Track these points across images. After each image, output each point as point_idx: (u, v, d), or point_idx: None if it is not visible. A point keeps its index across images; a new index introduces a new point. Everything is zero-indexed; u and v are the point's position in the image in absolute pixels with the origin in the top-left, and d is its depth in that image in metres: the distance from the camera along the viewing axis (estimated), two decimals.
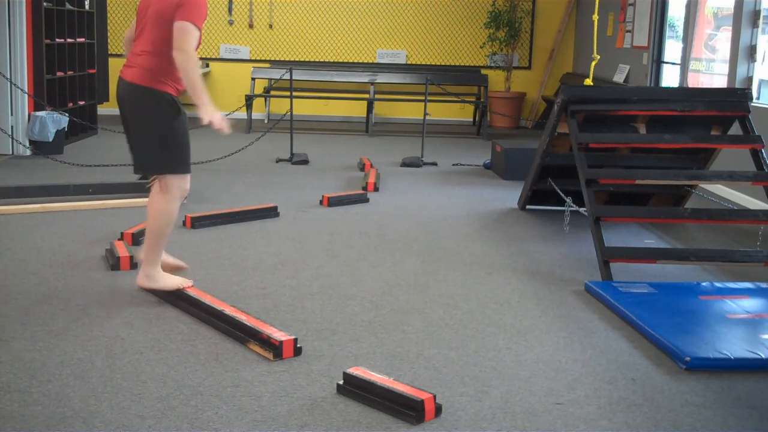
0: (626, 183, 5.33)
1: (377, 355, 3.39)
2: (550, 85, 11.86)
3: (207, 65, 11.59)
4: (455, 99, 10.53)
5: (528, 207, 6.29)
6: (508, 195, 6.78)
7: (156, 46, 3.83)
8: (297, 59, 11.76)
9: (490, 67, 11.79)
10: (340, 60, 11.85)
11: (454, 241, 5.30)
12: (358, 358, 3.35)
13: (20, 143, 7.94)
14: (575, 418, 2.89)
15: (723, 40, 7.89)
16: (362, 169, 7.82)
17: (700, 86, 8.23)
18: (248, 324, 3.47)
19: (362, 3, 11.78)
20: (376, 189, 6.81)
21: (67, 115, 8.28)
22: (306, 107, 11.34)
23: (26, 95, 7.92)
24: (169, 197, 3.93)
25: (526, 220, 6.01)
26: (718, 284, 4.38)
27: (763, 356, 3.37)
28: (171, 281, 3.98)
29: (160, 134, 3.91)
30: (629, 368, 3.33)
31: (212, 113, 3.86)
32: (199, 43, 3.85)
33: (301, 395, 2.99)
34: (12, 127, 7.92)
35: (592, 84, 7.11)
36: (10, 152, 7.98)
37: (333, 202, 6.21)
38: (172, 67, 3.83)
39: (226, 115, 9.76)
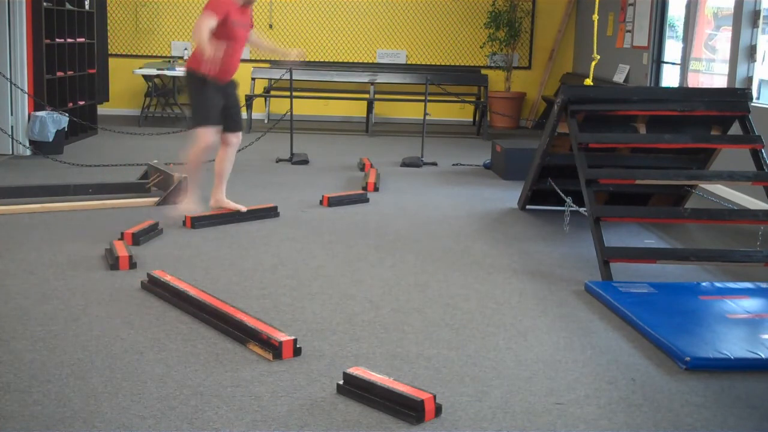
0: (626, 183, 5.33)
1: (377, 355, 3.39)
2: (550, 85, 11.86)
3: None
4: (455, 99, 10.53)
5: (528, 207, 6.29)
6: (508, 195, 6.78)
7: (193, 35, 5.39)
8: (297, 59, 11.74)
9: (490, 67, 11.79)
10: (340, 60, 11.85)
11: (454, 241, 5.30)
12: (358, 358, 3.35)
13: (20, 143, 7.94)
14: (575, 418, 2.89)
15: (723, 40, 7.89)
16: (362, 169, 7.81)
17: (700, 86, 8.23)
18: (248, 324, 3.47)
19: (362, 3, 11.78)
20: (376, 189, 6.81)
21: (67, 115, 8.28)
22: (306, 107, 11.33)
23: (26, 95, 7.92)
24: (196, 145, 5.45)
25: (526, 220, 6.01)
26: (718, 284, 4.38)
27: (763, 356, 3.37)
28: (225, 202, 5.68)
29: (191, 100, 5.48)
30: (629, 368, 3.33)
31: (209, 52, 5.07)
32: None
33: (301, 395, 2.99)
34: (12, 127, 7.93)
35: (592, 84, 7.11)
36: (10, 152, 7.98)
37: (333, 202, 6.21)
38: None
39: None
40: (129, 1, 11.60)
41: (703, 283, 4.41)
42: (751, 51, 7.06)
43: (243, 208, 5.70)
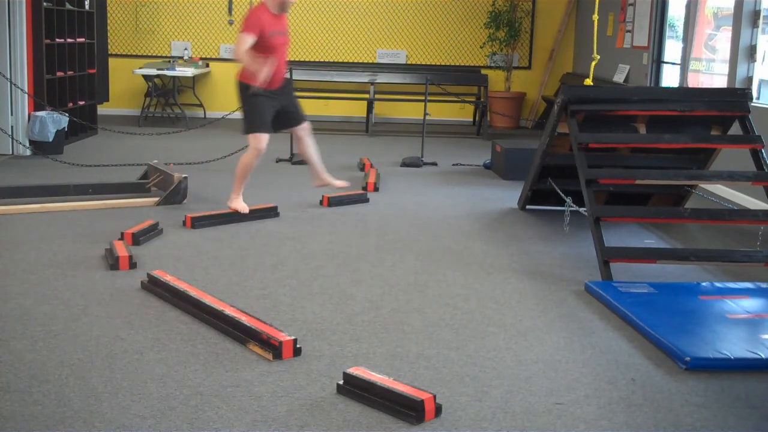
0: (626, 183, 5.33)
1: (377, 355, 3.39)
2: (550, 85, 11.86)
3: (207, 65, 11.59)
4: (455, 99, 10.53)
5: (528, 207, 6.29)
6: (508, 195, 6.78)
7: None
8: (297, 59, 11.76)
9: (490, 67, 11.79)
10: (340, 60, 11.85)
11: (454, 241, 5.30)
12: (358, 358, 3.35)
13: (20, 143, 7.94)
14: (575, 418, 2.89)
15: (723, 40, 7.89)
16: (362, 169, 7.81)
17: (700, 86, 8.23)
18: (248, 324, 3.47)
19: (362, 3, 11.77)
20: (376, 189, 6.81)
21: (67, 115, 8.28)
22: (306, 107, 11.20)
23: (26, 95, 7.92)
24: (248, 151, 5.76)
25: (526, 220, 6.01)
26: (718, 284, 4.38)
27: (763, 356, 3.37)
28: (237, 204, 5.76)
29: (243, 109, 5.74)
30: (629, 368, 3.33)
31: (258, 74, 5.46)
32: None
33: (301, 395, 2.99)
34: (12, 127, 7.92)
35: (592, 84, 7.11)
36: (10, 152, 7.98)
37: (333, 202, 6.21)
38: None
39: (227, 114, 9.79)
40: (129, 1, 11.60)
41: (703, 283, 4.41)
42: (751, 51, 7.06)
43: (344, 184, 6.36)
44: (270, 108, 5.68)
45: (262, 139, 5.68)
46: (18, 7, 7.86)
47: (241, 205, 5.74)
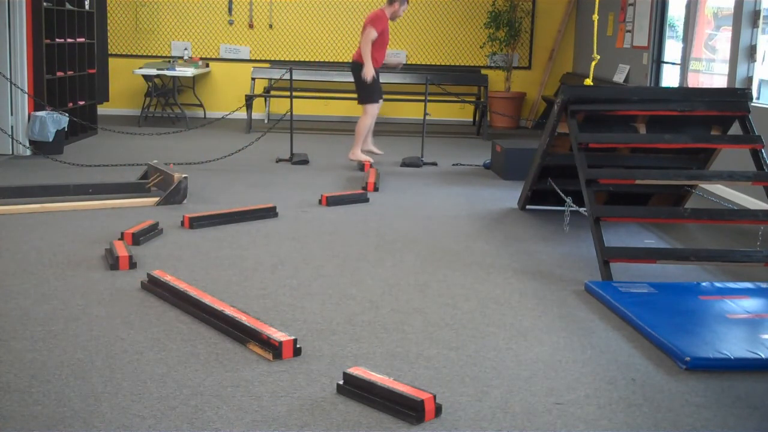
0: (626, 183, 5.33)
1: (377, 355, 3.39)
2: (550, 85, 11.86)
3: (207, 65, 11.59)
4: (455, 99, 10.53)
5: (528, 207, 6.29)
6: (508, 195, 6.78)
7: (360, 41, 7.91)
8: (297, 59, 11.76)
9: (490, 67, 11.79)
10: (340, 60, 11.84)
11: (454, 241, 5.30)
12: (358, 358, 3.35)
13: (20, 143, 7.94)
14: (575, 418, 2.89)
15: (723, 40, 7.89)
16: (362, 169, 7.81)
17: (700, 86, 8.23)
18: (248, 324, 3.47)
19: (362, 3, 11.77)
20: (376, 189, 6.81)
21: (67, 115, 8.28)
22: (306, 107, 11.33)
23: (26, 95, 7.92)
24: (365, 116, 7.96)
25: (526, 220, 6.01)
26: (718, 284, 4.38)
27: (763, 356, 3.37)
28: (360, 156, 7.94)
29: (361, 84, 7.82)
30: (629, 368, 3.34)
31: (366, 72, 7.70)
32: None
33: (301, 395, 2.99)
34: (12, 127, 7.92)
35: (592, 84, 7.11)
36: (10, 152, 7.98)
37: (331, 201, 6.20)
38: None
39: (227, 114, 9.78)
40: (129, 1, 11.60)
41: (703, 283, 4.41)
42: (751, 51, 7.06)
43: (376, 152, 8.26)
44: (378, 83, 7.84)
45: (377, 106, 7.97)
46: (18, 7, 7.86)
47: (363, 157, 7.78)
